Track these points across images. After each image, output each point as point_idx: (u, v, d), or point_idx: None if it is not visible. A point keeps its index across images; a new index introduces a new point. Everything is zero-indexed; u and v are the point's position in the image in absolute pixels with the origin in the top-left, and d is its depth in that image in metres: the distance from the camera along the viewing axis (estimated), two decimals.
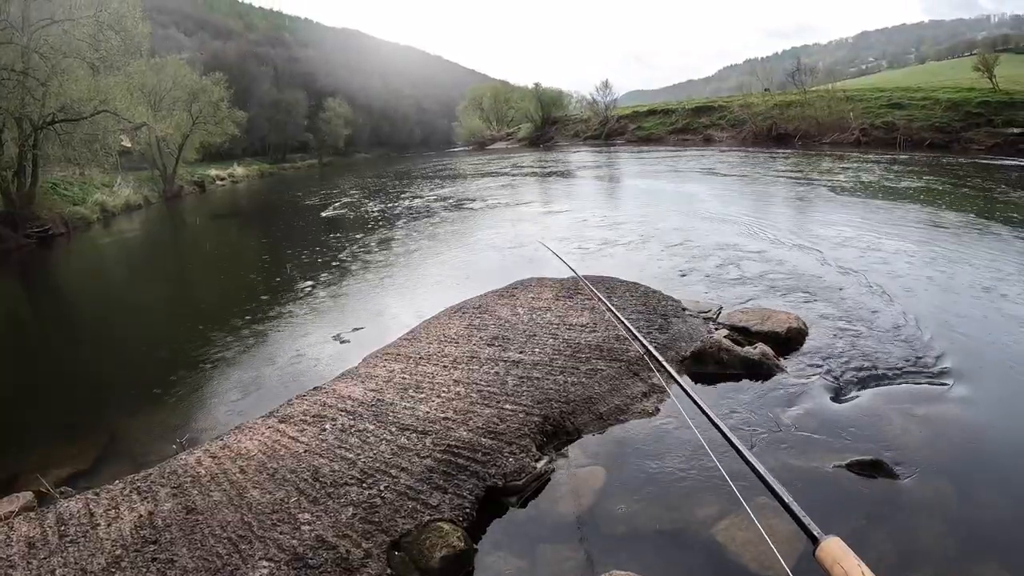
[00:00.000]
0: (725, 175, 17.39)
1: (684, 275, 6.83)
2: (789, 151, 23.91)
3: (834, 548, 1.17)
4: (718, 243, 8.28)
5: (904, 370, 4.04)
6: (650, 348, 2.26)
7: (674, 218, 10.62)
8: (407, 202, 17.05)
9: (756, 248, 7.83)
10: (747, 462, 1.44)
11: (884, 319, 4.96)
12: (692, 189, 14.97)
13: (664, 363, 2.17)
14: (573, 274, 4.12)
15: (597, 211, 12.34)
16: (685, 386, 1.91)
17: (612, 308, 2.94)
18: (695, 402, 1.78)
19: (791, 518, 1.27)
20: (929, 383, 3.86)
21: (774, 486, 1.35)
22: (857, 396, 3.75)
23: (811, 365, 4.22)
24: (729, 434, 1.57)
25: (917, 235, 8.16)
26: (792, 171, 17.02)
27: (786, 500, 1.31)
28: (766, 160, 20.70)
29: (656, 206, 12.27)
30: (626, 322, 2.66)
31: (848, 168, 16.86)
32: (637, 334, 2.42)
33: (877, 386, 3.86)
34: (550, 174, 22.52)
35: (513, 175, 22.93)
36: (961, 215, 9.36)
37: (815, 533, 1.22)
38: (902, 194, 11.75)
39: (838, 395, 3.79)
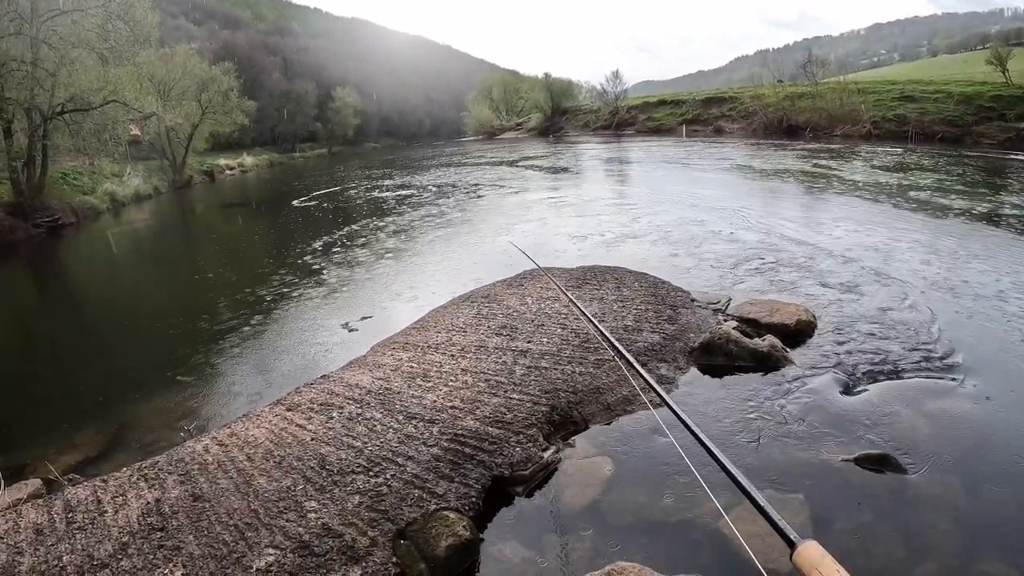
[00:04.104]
0: (735, 166, 17.24)
1: (693, 266, 6.78)
2: (800, 143, 23.71)
3: (812, 552, 1.13)
4: (727, 234, 8.22)
5: (913, 364, 4.00)
6: (624, 351, 2.22)
7: (683, 209, 10.55)
8: (415, 191, 17.01)
9: (766, 240, 7.77)
10: (720, 465, 1.40)
11: (893, 312, 4.91)
12: (702, 180, 14.87)
13: (636, 364, 2.12)
14: (551, 273, 4.10)
15: (605, 201, 12.26)
16: (661, 392, 1.85)
17: (584, 310, 2.93)
18: (670, 407, 1.73)
19: (767, 522, 1.23)
20: (939, 378, 3.82)
21: (748, 489, 1.31)
22: (866, 390, 3.72)
23: (820, 358, 4.19)
24: (703, 437, 1.52)
25: (928, 230, 8.07)
26: (802, 163, 16.84)
27: (761, 503, 1.26)
28: (777, 151, 20.52)
29: (665, 196, 12.17)
30: (595, 322, 2.64)
31: (859, 161, 16.69)
32: (608, 334, 2.39)
33: (886, 380, 3.83)
34: (559, 163, 22.41)
35: (522, 165, 22.84)
36: (973, 211, 9.24)
37: (792, 537, 1.17)
38: (913, 188, 11.60)
39: (846, 389, 3.76)
